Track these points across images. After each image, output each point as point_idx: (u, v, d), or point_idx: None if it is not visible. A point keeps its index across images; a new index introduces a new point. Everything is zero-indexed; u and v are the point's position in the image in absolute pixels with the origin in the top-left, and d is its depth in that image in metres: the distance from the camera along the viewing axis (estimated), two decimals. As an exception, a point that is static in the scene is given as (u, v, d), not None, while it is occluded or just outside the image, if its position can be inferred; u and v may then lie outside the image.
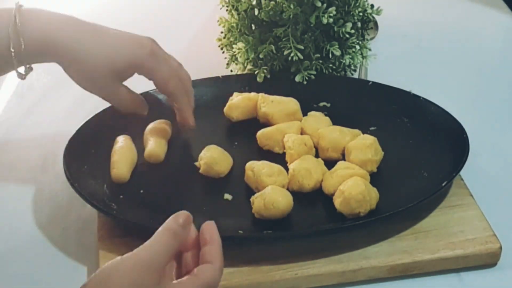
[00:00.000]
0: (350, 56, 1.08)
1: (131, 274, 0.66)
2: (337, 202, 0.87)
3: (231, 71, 1.10)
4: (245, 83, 1.06)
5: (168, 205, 0.89)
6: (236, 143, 0.99)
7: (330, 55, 1.06)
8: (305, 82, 1.06)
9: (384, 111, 1.02)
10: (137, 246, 0.84)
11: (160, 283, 0.67)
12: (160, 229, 0.70)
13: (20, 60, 0.87)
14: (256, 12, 1.08)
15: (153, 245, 0.69)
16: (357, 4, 1.06)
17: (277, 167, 0.91)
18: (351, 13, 1.06)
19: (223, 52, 1.12)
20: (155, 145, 0.94)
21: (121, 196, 0.90)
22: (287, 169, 0.91)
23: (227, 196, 0.90)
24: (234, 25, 1.10)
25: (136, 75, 0.93)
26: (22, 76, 0.90)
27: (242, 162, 0.93)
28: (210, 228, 0.72)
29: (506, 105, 1.12)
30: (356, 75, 1.11)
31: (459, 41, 1.26)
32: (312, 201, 0.90)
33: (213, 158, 0.92)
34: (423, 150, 0.96)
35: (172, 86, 0.93)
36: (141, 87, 0.98)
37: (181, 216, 0.71)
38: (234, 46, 1.08)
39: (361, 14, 1.07)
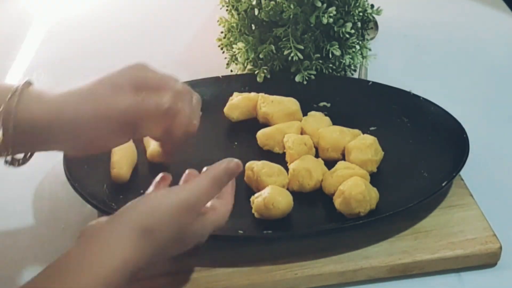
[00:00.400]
0: (350, 56, 1.08)
1: (175, 214, 0.71)
2: (337, 202, 0.87)
3: (231, 71, 1.10)
4: (245, 83, 1.06)
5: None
6: (236, 143, 0.99)
7: (330, 55, 1.06)
8: (305, 82, 1.06)
9: (384, 111, 1.02)
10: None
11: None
12: (207, 173, 0.75)
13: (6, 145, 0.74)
14: (256, 12, 1.08)
15: (195, 189, 0.73)
16: (357, 4, 1.06)
17: (277, 167, 0.91)
18: (351, 13, 1.06)
19: (223, 52, 1.12)
20: (158, 145, 0.94)
21: (121, 196, 0.90)
22: (287, 169, 0.91)
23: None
24: (234, 25, 1.10)
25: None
26: (15, 163, 0.78)
27: (242, 162, 0.93)
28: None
29: (506, 105, 1.12)
30: (356, 75, 1.11)
31: (459, 41, 1.26)
32: (312, 201, 0.90)
33: None
34: (423, 150, 0.96)
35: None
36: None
37: (231, 169, 0.76)
38: (234, 46, 1.08)
39: (361, 14, 1.07)
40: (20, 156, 0.78)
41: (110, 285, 0.67)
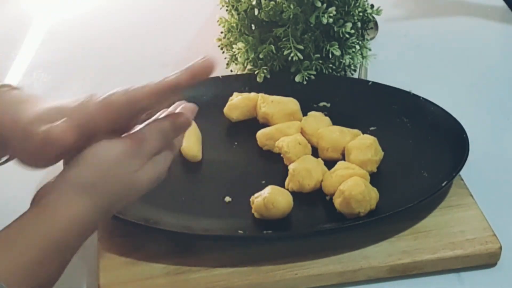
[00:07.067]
0: (350, 56, 1.08)
1: (116, 165, 0.69)
2: (337, 202, 0.87)
3: (231, 71, 1.10)
4: (245, 83, 1.06)
5: (168, 205, 0.89)
6: (236, 143, 0.99)
7: (330, 55, 1.06)
8: (305, 82, 1.06)
9: (384, 111, 1.02)
10: (137, 246, 0.85)
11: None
12: (154, 124, 0.71)
13: None
14: (256, 12, 1.08)
15: (138, 138, 0.70)
16: (357, 4, 1.06)
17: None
18: (351, 13, 1.06)
19: (223, 52, 1.12)
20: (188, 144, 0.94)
21: (121, 196, 0.90)
22: (287, 170, 0.91)
23: (227, 197, 0.90)
24: (234, 25, 1.10)
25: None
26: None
27: (242, 162, 0.93)
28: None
29: (506, 105, 1.12)
30: (356, 75, 1.11)
31: (459, 41, 1.26)
32: (312, 201, 0.90)
33: None
34: (423, 150, 0.96)
35: None
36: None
37: (179, 124, 0.71)
38: (234, 46, 1.08)
39: (361, 14, 1.07)
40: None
41: (61, 245, 0.68)
